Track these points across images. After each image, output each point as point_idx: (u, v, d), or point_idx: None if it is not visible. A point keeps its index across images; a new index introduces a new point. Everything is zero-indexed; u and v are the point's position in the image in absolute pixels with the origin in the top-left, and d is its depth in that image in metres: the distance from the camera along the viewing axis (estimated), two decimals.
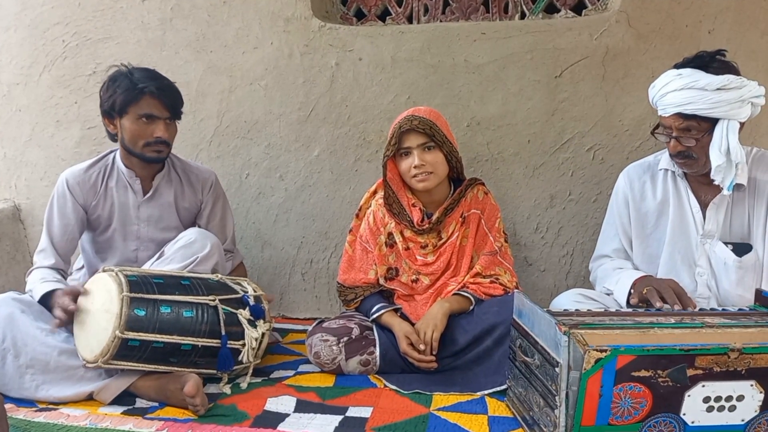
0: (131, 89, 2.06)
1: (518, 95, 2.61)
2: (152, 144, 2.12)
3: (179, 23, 2.80)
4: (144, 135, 2.10)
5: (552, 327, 1.49)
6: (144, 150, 2.12)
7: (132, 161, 2.20)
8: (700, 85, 1.80)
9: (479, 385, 1.98)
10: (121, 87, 2.07)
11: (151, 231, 2.25)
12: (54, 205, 2.20)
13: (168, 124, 2.14)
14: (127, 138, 2.12)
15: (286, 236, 2.84)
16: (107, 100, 2.10)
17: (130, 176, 2.22)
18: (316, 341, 2.11)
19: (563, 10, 2.70)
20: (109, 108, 2.10)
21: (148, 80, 2.08)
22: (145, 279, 1.88)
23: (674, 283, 1.87)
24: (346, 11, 2.86)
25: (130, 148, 2.13)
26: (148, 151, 2.13)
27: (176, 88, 2.17)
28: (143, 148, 2.12)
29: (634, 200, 2.11)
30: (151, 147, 2.12)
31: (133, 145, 2.12)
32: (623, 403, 1.44)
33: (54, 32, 2.89)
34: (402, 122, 2.12)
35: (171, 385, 1.82)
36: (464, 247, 2.24)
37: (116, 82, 2.09)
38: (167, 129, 2.13)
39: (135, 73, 2.09)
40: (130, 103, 2.07)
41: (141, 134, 2.10)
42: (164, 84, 2.12)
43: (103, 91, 2.13)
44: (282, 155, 2.79)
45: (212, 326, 1.89)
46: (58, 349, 1.89)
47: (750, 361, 1.44)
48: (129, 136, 2.11)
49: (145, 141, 2.11)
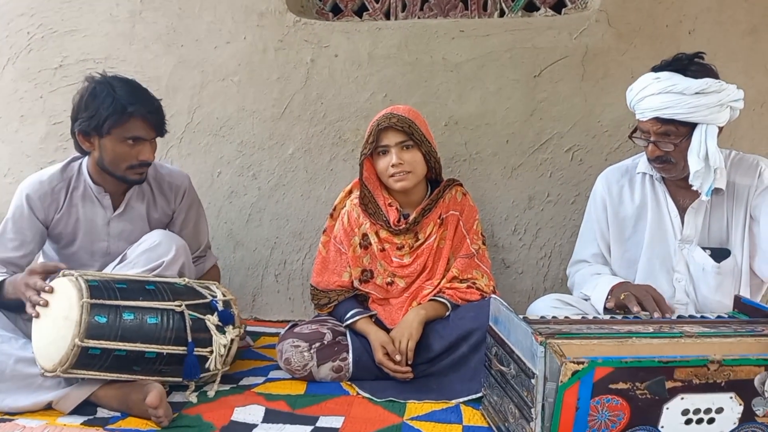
0: (119, 112, 1.91)
1: (497, 94, 2.57)
2: (136, 167, 2.00)
3: (149, 16, 2.71)
4: (128, 158, 1.98)
5: (528, 337, 1.45)
6: (126, 173, 2.00)
7: (105, 179, 2.07)
8: (678, 89, 1.77)
9: (454, 393, 1.93)
10: (104, 106, 1.90)
11: (122, 246, 2.12)
12: (10, 220, 2.04)
13: (153, 144, 2.03)
14: (108, 159, 1.98)
15: (259, 236, 2.77)
16: (87, 120, 1.93)
17: (98, 192, 2.09)
18: (287, 347, 2.05)
19: (543, 9, 2.66)
20: (90, 128, 1.93)
21: (135, 101, 1.93)
22: (107, 284, 1.80)
23: (652, 289, 1.84)
24: (321, 6, 2.79)
25: (111, 169, 2.00)
26: (131, 173, 2.01)
27: (160, 104, 2.03)
28: (126, 171, 2.00)
29: (612, 204, 2.07)
30: (134, 170, 2.00)
31: (115, 167, 1.99)
32: (600, 416, 1.40)
33: (18, 23, 2.78)
34: (380, 120, 2.07)
35: (133, 395, 1.75)
36: (441, 249, 2.19)
37: (97, 100, 1.92)
38: (153, 150, 2.02)
39: (117, 89, 1.93)
40: (115, 124, 1.92)
41: (125, 157, 1.97)
42: (153, 105, 1.99)
43: (80, 106, 1.95)
44: (255, 153, 2.72)
45: (178, 333, 1.82)
46: (14, 357, 1.80)
47: (730, 373, 1.41)
48: (110, 158, 1.98)
49: (129, 164, 1.98)
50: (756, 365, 1.42)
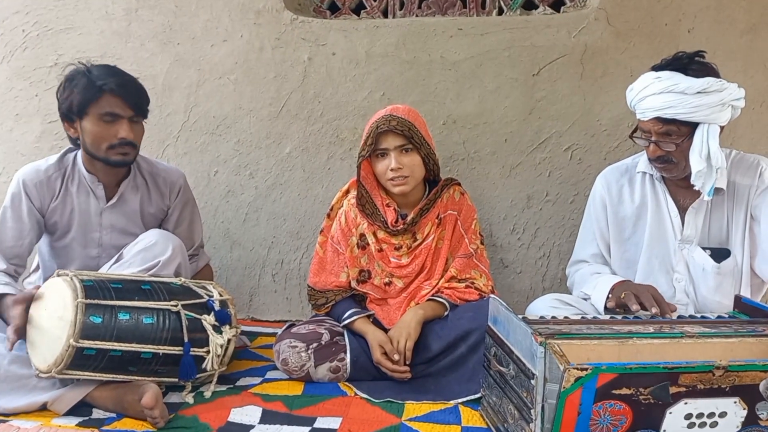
0: (89, 87, 1.92)
1: (495, 93, 2.56)
2: (116, 146, 1.97)
3: (145, 14, 2.69)
4: (107, 137, 1.96)
5: (528, 337, 1.43)
6: (108, 153, 1.98)
7: (95, 166, 2.07)
8: (680, 89, 1.75)
9: (453, 393, 1.92)
10: (78, 86, 1.93)
11: (115, 238, 2.12)
12: (8, 207, 2.05)
13: (133, 124, 2.00)
14: (89, 141, 1.98)
15: (256, 236, 2.75)
16: (64, 102, 1.96)
17: (92, 181, 2.09)
18: (284, 347, 2.03)
19: (541, 7, 2.64)
20: (68, 110, 1.96)
21: (107, 77, 1.94)
22: (102, 284, 1.78)
23: (653, 289, 1.83)
24: (319, 4, 2.77)
25: (93, 152, 2.00)
26: (113, 154, 1.99)
27: (139, 83, 2.03)
28: (107, 152, 1.98)
29: (611, 204, 2.06)
30: (115, 150, 1.98)
31: (96, 148, 1.98)
32: (602, 420, 1.38)
33: (13, 21, 2.76)
34: (379, 122, 2.04)
35: (129, 396, 1.73)
36: (439, 249, 2.17)
37: (73, 82, 1.95)
38: (132, 129, 1.99)
39: (93, 71, 1.95)
40: (89, 102, 1.93)
41: (103, 136, 1.96)
42: (126, 80, 1.99)
43: (60, 92, 1.99)
44: (252, 152, 2.71)
45: (174, 333, 1.80)
46: (8, 357, 1.78)
47: (735, 378, 1.39)
48: (91, 139, 1.97)
49: (109, 143, 1.97)
50: (762, 371, 1.40)
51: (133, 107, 1.99)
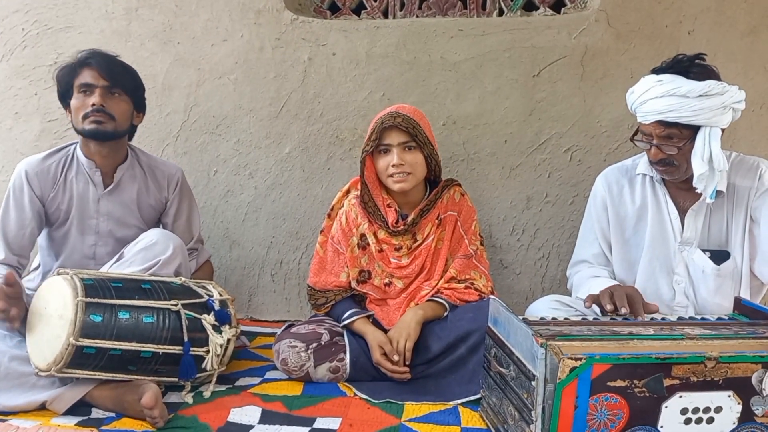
0: (70, 65, 2.05)
1: (495, 94, 2.56)
2: (89, 114, 2.01)
3: (145, 13, 2.69)
4: (83, 107, 2.03)
5: (529, 338, 1.44)
6: (84, 124, 2.03)
7: (90, 148, 2.11)
8: (682, 92, 1.75)
9: (453, 394, 1.92)
10: (65, 68, 2.05)
11: (111, 226, 2.15)
12: (10, 197, 2.09)
13: (109, 95, 2.04)
14: (73, 118, 2.06)
15: (255, 236, 2.75)
16: (58, 88, 2.08)
17: (90, 167, 2.12)
18: (284, 347, 2.03)
19: (542, 8, 2.65)
20: (60, 95, 2.08)
21: (86, 53, 2.04)
22: (102, 282, 1.78)
23: (633, 290, 1.80)
24: (319, 4, 2.77)
25: (76, 127, 2.06)
26: (87, 123, 2.02)
27: (121, 61, 2.11)
28: (83, 122, 2.03)
29: (612, 203, 2.06)
30: (89, 118, 2.01)
31: (77, 122, 2.05)
32: (599, 414, 1.38)
33: (13, 20, 2.75)
34: (385, 118, 2.05)
35: (128, 396, 1.73)
36: (439, 249, 2.17)
37: (63, 68, 2.07)
38: (103, 96, 2.02)
39: (78, 56, 2.06)
40: (72, 79, 2.03)
41: (80, 107, 2.03)
42: (104, 55, 2.07)
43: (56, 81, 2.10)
44: (252, 152, 2.70)
45: (174, 332, 1.80)
46: (8, 354, 1.78)
47: (727, 370, 1.40)
48: (73, 115, 2.06)
49: (84, 113, 2.02)
50: (753, 362, 1.41)
51: (107, 77, 2.03)
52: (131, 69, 2.13)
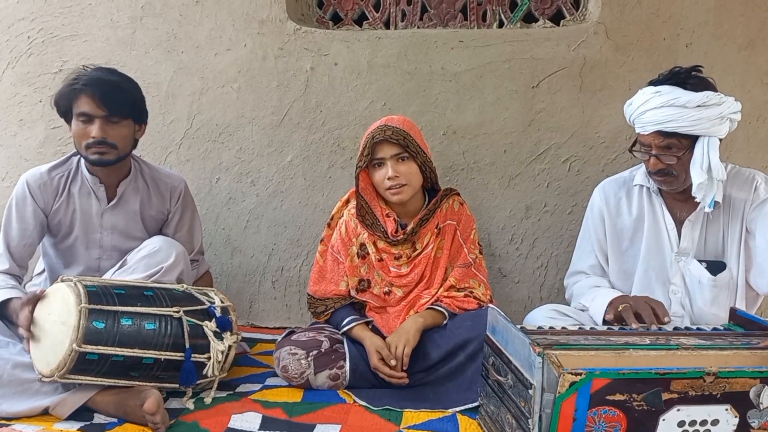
0: (67, 89, 1.99)
1: (495, 104, 2.58)
2: (92, 146, 2.00)
3: (150, 22, 2.71)
4: (83, 136, 2.00)
5: (526, 347, 1.45)
6: (87, 152, 2.02)
7: (95, 167, 2.11)
8: (681, 103, 1.78)
9: (451, 402, 1.93)
10: (63, 88, 2.00)
11: (115, 240, 2.16)
12: (13, 207, 2.10)
13: (105, 123, 1.99)
14: (74, 141, 2.04)
15: (256, 243, 2.77)
16: (58, 105, 2.04)
17: (94, 182, 2.13)
18: (284, 354, 2.05)
19: (541, 20, 2.67)
20: (60, 113, 2.05)
21: (84, 77, 1.98)
22: (105, 289, 1.80)
23: (649, 299, 1.84)
24: (322, 14, 2.80)
25: (80, 151, 2.05)
26: (90, 153, 2.02)
27: (121, 85, 2.03)
28: (86, 150, 2.02)
29: (609, 216, 2.08)
30: (91, 149, 2.01)
31: (79, 147, 2.04)
32: (597, 427, 1.40)
33: (19, 28, 2.78)
34: (375, 132, 2.07)
35: (131, 401, 1.74)
36: (439, 258, 2.19)
37: (63, 85, 2.02)
38: (102, 128, 1.98)
39: (80, 73, 2.01)
40: (70, 103, 1.99)
41: (80, 135, 2.01)
42: (102, 80, 1.99)
43: None
44: (254, 160, 2.73)
45: (176, 339, 1.82)
46: (12, 361, 1.80)
47: (726, 385, 1.42)
48: (74, 139, 2.04)
49: (85, 142, 2.01)
50: (751, 377, 1.43)
51: (106, 107, 1.98)
52: (129, 86, 2.07)
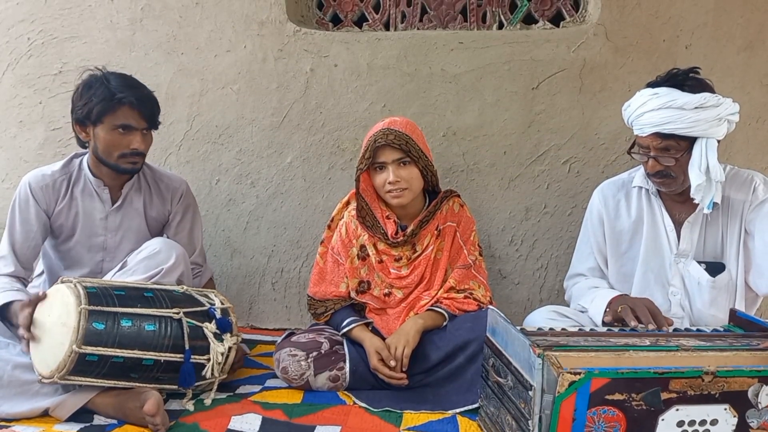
0: (109, 99, 1.97)
1: (495, 106, 2.59)
2: (128, 155, 2.04)
3: (150, 24, 2.72)
4: (120, 146, 2.02)
5: (526, 348, 1.46)
6: (119, 161, 2.04)
7: (102, 171, 2.11)
8: (678, 104, 1.78)
9: (451, 403, 1.93)
10: (97, 95, 1.98)
11: (119, 241, 2.17)
12: (16, 210, 2.09)
13: (145, 135, 2.06)
14: (101, 148, 2.03)
15: (256, 244, 2.78)
16: (81, 108, 2.00)
17: (97, 185, 2.14)
18: (284, 356, 2.05)
19: (541, 22, 2.68)
20: (83, 116, 2.01)
21: (126, 89, 1.99)
22: (105, 291, 1.80)
23: (649, 302, 1.85)
24: (322, 16, 2.80)
25: (104, 158, 2.05)
26: (123, 162, 2.05)
27: (154, 97, 2.09)
28: (118, 159, 2.04)
29: (608, 218, 2.09)
30: (126, 158, 2.04)
31: (108, 155, 2.04)
32: (596, 427, 1.40)
33: (18, 29, 2.78)
34: (377, 136, 2.06)
35: (130, 403, 1.75)
36: (439, 260, 2.20)
37: (91, 90, 1.99)
38: (144, 140, 2.06)
39: (111, 81, 2.00)
40: (106, 112, 1.98)
41: (116, 145, 2.02)
42: (143, 94, 2.04)
43: (76, 97, 2.04)
44: (254, 161, 2.73)
45: (176, 340, 1.82)
46: (12, 363, 1.80)
47: (724, 384, 1.43)
48: (103, 146, 2.03)
49: (121, 152, 2.03)
50: (749, 377, 1.44)
51: (147, 120, 2.05)
52: (156, 100, 2.11)
